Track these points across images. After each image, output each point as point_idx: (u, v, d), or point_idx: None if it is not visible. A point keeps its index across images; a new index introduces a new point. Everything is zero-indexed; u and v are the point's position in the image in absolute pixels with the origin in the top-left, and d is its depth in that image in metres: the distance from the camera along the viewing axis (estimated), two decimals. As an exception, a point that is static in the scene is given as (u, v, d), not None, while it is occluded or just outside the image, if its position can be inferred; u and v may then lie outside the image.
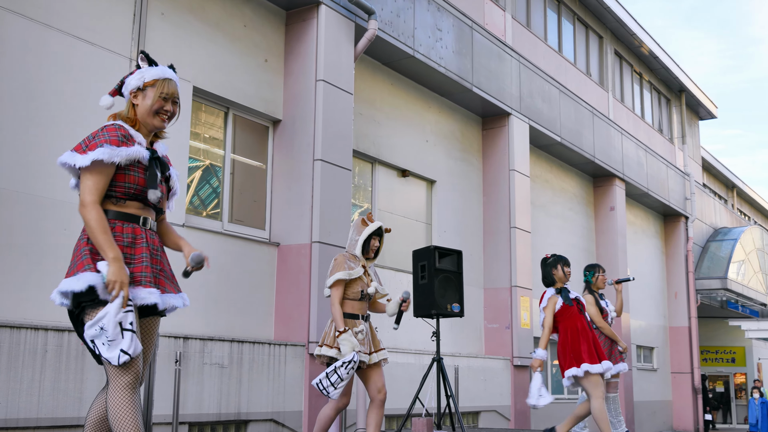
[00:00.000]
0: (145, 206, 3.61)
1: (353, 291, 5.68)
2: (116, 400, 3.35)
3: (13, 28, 7.06)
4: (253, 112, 9.65)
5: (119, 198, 3.53)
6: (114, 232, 3.48)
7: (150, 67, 3.69)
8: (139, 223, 3.55)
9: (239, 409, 8.37)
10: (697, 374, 21.74)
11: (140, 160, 3.56)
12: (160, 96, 3.62)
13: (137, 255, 3.49)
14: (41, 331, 6.62)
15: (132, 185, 3.53)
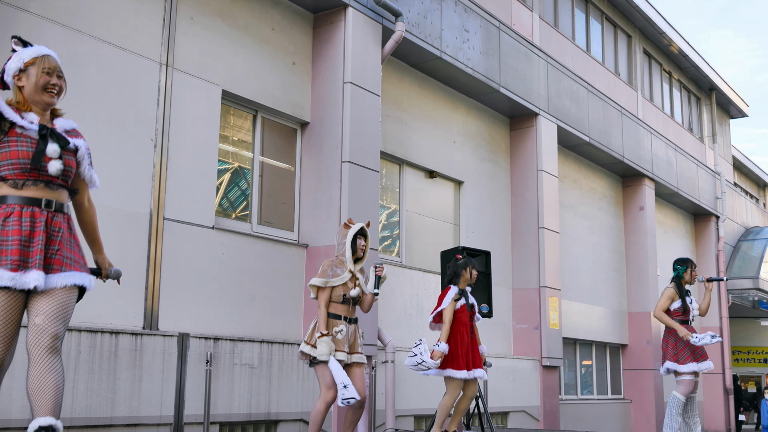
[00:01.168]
0: (49, 186, 3.59)
1: (336, 294, 5.98)
2: None
3: (48, 35, 7.16)
4: (282, 115, 9.70)
5: (16, 179, 3.53)
6: (13, 216, 3.49)
7: (26, 48, 3.71)
8: (41, 206, 3.55)
9: (269, 409, 8.42)
10: (729, 375, 21.51)
11: (27, 135, 3.55)
12: (43, 71, 3.64)
13: (35, 239, 3.49)
14: (74, 332, 6.71)
15: (23, 161, 3.51)
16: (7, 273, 3.41)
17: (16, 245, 3.45)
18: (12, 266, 3.42)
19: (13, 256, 3.43)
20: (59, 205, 3.62)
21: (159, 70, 8.09)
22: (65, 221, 3.66)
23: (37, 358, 3.48)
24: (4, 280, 3.40)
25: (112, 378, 6.92)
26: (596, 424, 15.52)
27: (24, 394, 6.27)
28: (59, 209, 3.62)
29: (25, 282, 3.43)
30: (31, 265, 3.46)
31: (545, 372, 13.22)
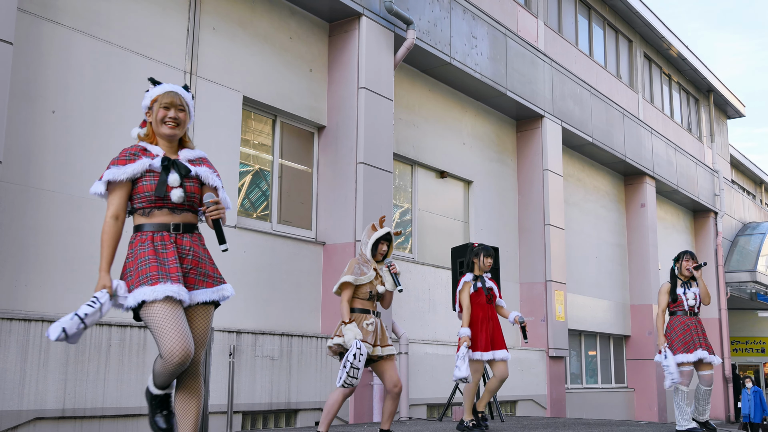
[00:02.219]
0: (174, 212, 3.71)
1: (363, 292, 5.87)
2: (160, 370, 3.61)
3: (79, 46, 7.21)
4: (300, 119, 9.73)
5: (144, 209, 3.68)
6: (146, 241, 3.64)
7: (155, 87, 3.88)
8: (169, 230, 3.68)
9: (289, 399, 8.45)
10: (728, 364, 21.41)
11: (153, 170, 3.69)
12: (161, 106, 3.78)
13: (169, 258, 3.61)
14: (105, 327, 6.76)
15: (149, 193, 3.66)
16: (161, 287, 3.52)
17: (153, 263, 3.58)
18: (152, 281, 3.53)
19: (151, 272, 3.55)
20: (186, 226, 3.75)
21: (183, 78, 8.12)
22: (195, 241, 3.77)
23: (184, 383, 3.68)
24: (174, 293, 3.52)
25: (141, 370, 6.97)
26: (601, 411, 15.49)
27: (57, 385, 6.33)
28: (186, 230, 3.74)
29: (194, 297, 3.64)
30: (173, 279, 3.56)
31: (552, 362, 13.21)
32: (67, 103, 7.09)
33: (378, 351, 5.79)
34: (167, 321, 3.47)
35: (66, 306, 6.75)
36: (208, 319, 3.77)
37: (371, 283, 5.91)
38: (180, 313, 3.53)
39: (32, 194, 6.74)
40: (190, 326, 3.66)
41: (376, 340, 5.81)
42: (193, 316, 3.70)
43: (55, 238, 6.84)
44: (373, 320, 5.81)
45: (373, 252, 6.05)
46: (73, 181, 7.02)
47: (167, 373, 3.52)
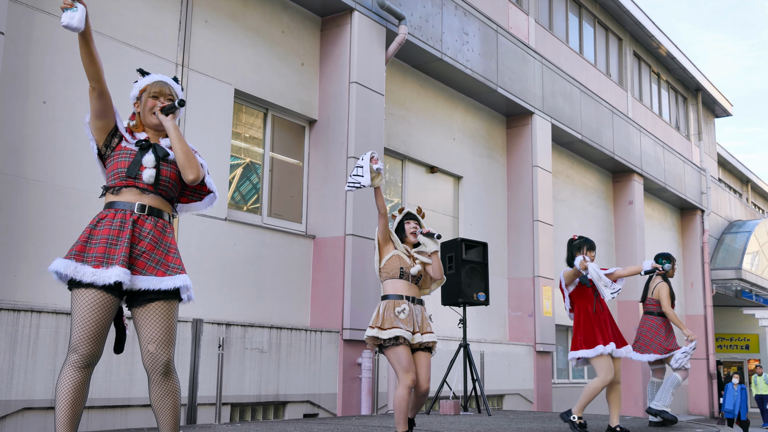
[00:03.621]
0: (143, 193, 3.59)
1: (392, 267, 5.25)
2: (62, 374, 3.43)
3: (72, 38, 7.17)
4: (291, 113, 9.71)
5: (115, 186, 3.60)
6: (107, 218, 3.55)
7: (143, 77, 3.84)
8: (134, 210, 3.55)
9: (277, 392, 8.45)
10: (713, 360, 21.53)
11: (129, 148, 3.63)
12: (150, 96, 3.74)
13: (122, 237, 3.49)
14: (95, 317, 6.72)
15: (120, 169, 3.59)
16: (89, 269, 3.41)
17: (103, 243, 3.47)
18: (95, 263, 3.42)
19: (97, 253, 3.44)
20: (153, 210, 3.59)
21: (175, 70, 8.09)
22: (159, 227, 3.59)
23: (156, 382, 3.55)
24: (87, 276, 3.39)
25: (129, 361, 6.94)
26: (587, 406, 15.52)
27: (46, 375, 6.30)
28: (152, 214, 3.59)
29: (106, 277, 3.38)
30: (115, 261, 3.42)
31: (539, 357, 13.24)
32: (58, 93, 7.05)
33: (417, 338, 5.16)
34: (85, 311, 3.40)
35: (55, 296, 6.72)
36: (170, 314, 3.56)
37: (401, 258, 5.27)
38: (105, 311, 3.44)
39: (22, 184, 6.70)
40: (150, 323, 3.52)
41: (414, 326, 5.18)
42: (152, 312, 3.52)
43: (44, 229, 6.80)
44: (405, 306, 5.15)
45: (403, 234, 5.43)
46: (63, 171, 6.99)
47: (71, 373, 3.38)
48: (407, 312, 5.15)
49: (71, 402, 3.40)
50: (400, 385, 5.05)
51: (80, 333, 3.41)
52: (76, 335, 3.41)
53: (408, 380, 5.02)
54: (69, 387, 3.39)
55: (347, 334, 9.15)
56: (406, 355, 5.06)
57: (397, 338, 5.06)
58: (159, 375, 3.54)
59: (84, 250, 3.48)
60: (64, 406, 3.39)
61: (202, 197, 3.88)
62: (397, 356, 5.07)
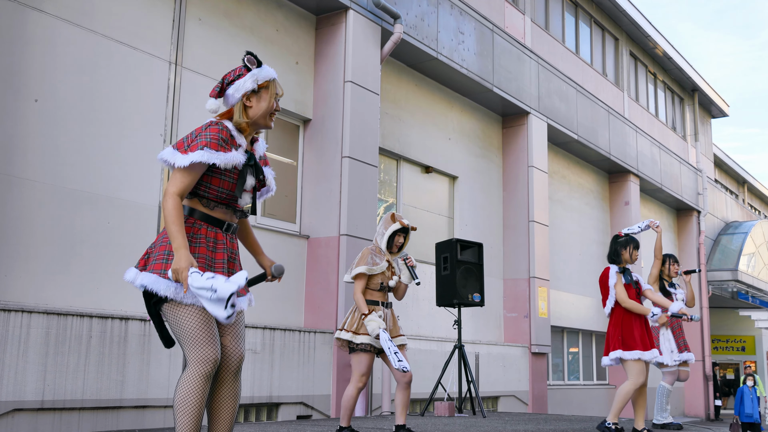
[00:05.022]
0: (229, 211, 3.46)
1: (374, 282, 5.72)
2: (186, 386, 3.23)
3: (63, 35, 7.14)
4: (285, 112, 9.69)
5: (210, 200, 3.40)
6: (199, 234, 3.36)
7: (261, 68, 3.52)
8: (222, 228, 3.43)
9: (271, 393, 8.43)
10: (708, 362, 21.55)
11: (236, 166, 3.39)
12: (273, 97, 3.49)
13: (218, 260, 3.38)
14: (86, 318, 6.70)
15: (224, 191, 3.38)
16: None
17: (203, 263, 3.32)
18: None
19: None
20: (234, 228, 3.53)
21: (169, 69, 8.07)
22: (236, 242, 3.59)
23: (224, 380, 3.40)
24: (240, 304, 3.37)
25: (121, 362, 6.92)
26: (582, 408, 15.56)
27: (36, 376, 6.27)
28: (234, 231, 3.53)
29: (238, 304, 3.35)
30: None
31: (534, 358, 13.24)
32: (50, 92, 7.02)
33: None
34: (200, 326, 3.24)
35: (46, 296, 6.70)
36: (242, 314, 3.55)
37: (383, 274, 5.76)
38: (212, 318, 3.30)
39: (14, 183, 6.67)
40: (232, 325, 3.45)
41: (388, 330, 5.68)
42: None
43: (36, 228, 6.77)
44: (382, 312, 5.67)
45: (390, 244, 5.88)
46: (55, 170, 6.95)
47: (199, 383, 3.22)
48: (383, 316, 5.67)
49: (200, 416, 3.27)
50: (352, 385, 5.63)
51: (203, 336, 3.24)
52: (197, 341, 3.23)
53: (362, 383, 5.64)
54: (200, 401, 3.22)
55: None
56: (368, 361, 5.64)
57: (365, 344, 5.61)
58: (230, 374, 3.42)
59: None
60: (193, 422, 3.22)
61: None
62: (360, 360, 5.64)
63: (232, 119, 3.48)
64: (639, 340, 6.59)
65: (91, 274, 7.09)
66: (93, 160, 7.25)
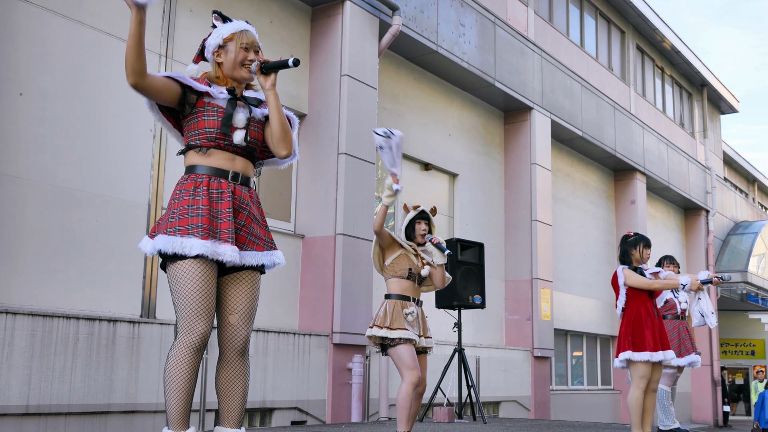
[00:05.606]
0: (235, 156, 3.44)
1: (400, 267, 5.40)
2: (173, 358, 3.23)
3: (50, 26, 7.13)
4: (279, 107, 9.67)
5: (203, 146, 3.40)
6: (201, 186, 3.35)
7: (225, 23, 3.62)
8: (228, 178, 3.39)
9: (264, 397, 8.43)
10: (717, 366, 21.58)
11: (217, 104, 3.42)
12: (240, 47, 3.54)
13: (223, 210, 3.34)
14: (73, 320, 6.70)
15: (212, 129, 3.39)
16: (198, 241, 3.23)
17: (205, 214, 3.29)
18: (203, 234, 3.25)
19: (202, 224, 3.27)
20: (245, 178, 3.47)
21: (159, 62, 8.06)
22: (252, 196, 3.49)
23: (229, 360, 3.40)
24: (197, 248, 3.22)
25: (110, 365, 6.91)
26: (586, 414, 15.57)
27: (21, 380, 6.26)
28: (245, 182, 3.46)
29: (219, 253, 3.26)
30: (222, 237, 3.29)
31: (536, 362, 13.25)
32: (35, 85, 7.01)
33: (423, 342, 5.36)
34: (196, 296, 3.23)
35: (31, 297, 6.69)
36: (255, 287, 3.49)
37: (409, 258, 5.43)
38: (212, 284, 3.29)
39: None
40: (235, 293, 3.41)
41: (419, 330, 5.36)
42: (238, 282, 3.43)
43: (20, 226, 6.76)
44: (413, 309, 5.32)
45: (412, 233, 5.59)
46: (40, 166, 6.94)
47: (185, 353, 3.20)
48: (415, 315, 5.33)
49: (189, 389, 3.25)
50: (405, 383, 5.20)
51: (195, 308, 3.24)
52: (189, 312, 3.24)
53: (414, 377, 5.18)
54: (187, 372, 3.22)
55: (337, 338, 9.13)
56: (411, 352, 5.23)
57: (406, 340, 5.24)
58: (235, 353, 3.41)
59: (188, 223, 3.29)
60: (181, 394, 3.22)
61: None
62: (401, 354, 5.24)
63: None
64: (649, 341, 6.58)
65: (78, 274, 7.08)
66: (80, 156, 7.24)
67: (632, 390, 6.61)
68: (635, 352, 6.57)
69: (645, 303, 6.71)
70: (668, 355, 6.64)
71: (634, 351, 6.57)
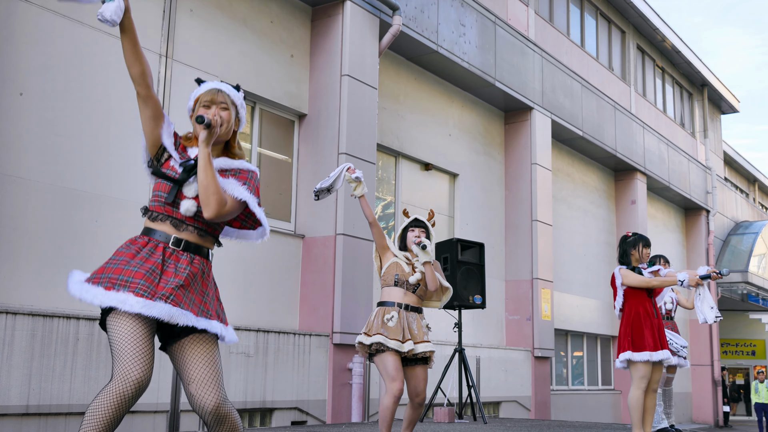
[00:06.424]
0: (180, 224, 3.25)
1: (389, 274, 5.29)
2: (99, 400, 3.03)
3: (49, 26, 7.14)
4: (279, 107, 9.69)
5: (155, 211, 3.26)
6: (136, 244, 3.22)
7: (199, 87, 3.51)
8: (169, 242, 3.21)
9: (264, 398, 8.43)
10: (717, 367, 21.59)
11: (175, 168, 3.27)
12: (201, 105, 3.40)
13: (167, 273, 3.17)
14: (73, 320, 6.71)
15: (162, 194, 3.24)
16: (132, 298, 3.07)
17: (143, 271, 3.13)
18: (139, 290, 3.08)
19: (137, 280, 3.10)
20: (190, 246, 3.25)
21: (159, 62, 8.06)
22: (196, 264, 3.25)
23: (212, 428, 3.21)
24: (135, 307, 3.05)
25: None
26: (587, 414, 15.58)
27: (21, 380, 6.27)
28: (188, 250, 3.24)
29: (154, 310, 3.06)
30: (159, 296, 3.09)
31: (537, 363, 13.26)
32: (36, 85, 7.02)
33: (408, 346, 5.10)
34: (129, 340, 3.05)
35: (32, 297, 6.70)
36: (208, 350, 3.23)
37: (399, 266, 5.28)
38: (148, 336, 3.10)
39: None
40: (189, 359, 3.19)
41: (404, 334, 5.12)
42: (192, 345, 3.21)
43: (21, 226, 6.77)
44: (394, 314, 5.14)
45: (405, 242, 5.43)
46: (41, 167, 6.95)
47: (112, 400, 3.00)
48: (395, 320, 5.14)
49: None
50: (387, 394, 5.07)
51: (131, 353, 3.04)
52: (125, 357, 3.03)
53: (394, 388, 5.02)
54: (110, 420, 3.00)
55: (337, 338, 9.14)
56: (393, 362, 5.07)
57: (380, 345, 5.07)
58: (213, 423, 3.18)
59: (120, 273, 3.15)
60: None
61: (255, 226, 3.54)
62: (383, 363, 5.09)
63: None
64: (649, 340, 6.58)
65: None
66: (80, 156, 7.25)
67: (632, 390, 6.62)
68: (635, 353, 6.57)
69: (644, 303, 6.71)
70: (667, 355, 6.63)
71: (634, 351, 6.58)
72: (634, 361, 6.60)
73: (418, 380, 5.21)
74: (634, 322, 6.66)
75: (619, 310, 6.82)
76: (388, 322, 5.12)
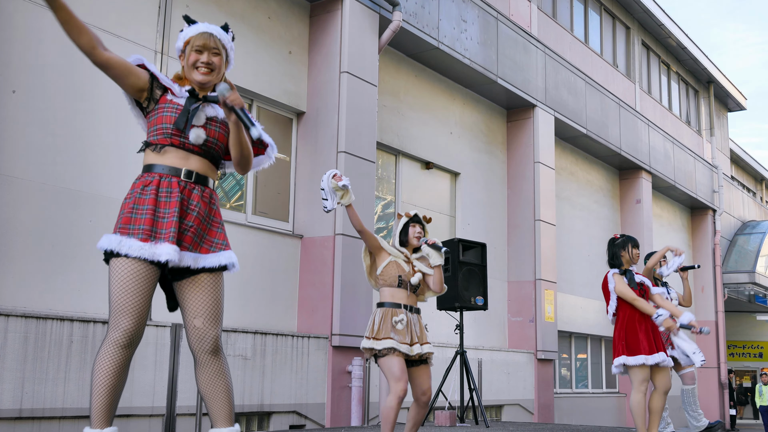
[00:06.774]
0: (189, 155, 3.45)
1: (390, 275, 5.31)
2: (99, 353, 3.29)
3: (44, 22, 7.14)
4: (277, 104, 9.68)
5: (159, 144, 3.44)
6: (150, 185, 3.39)
7: (190, 27, 3.64)
8: (180, 176, 3.41)
9: (262, 401, 8.43)
10: (724, 369, 21.58)
11: (176, 101, 3.47)
12: (193, 49, 3.56)
13: (170, 209, 3.37)
14: (67, 321, 6.70)
15: (168, 125, 3.42)
16: (136, 242, 3.29)
17: (149, 214, 3.34)
18: (143, 236, 3.30)
19: (144, 225, 3.32)
20: (201, 177, 3.48)
21: (154, 58, 8.06)
22: (206, 197, 3.49)
23: (204, 362, 3.46)
24: (134, 250, 3.28)
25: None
26: (591, 417, 15.57)
27: (14, 383, 6.26)
28: (200, 182, 3.47)
29: (158, 254, 3.29)
30: (164, 237, 3.32)
31: (540, 365, 13.25)
32: (29, 82, 7.01)
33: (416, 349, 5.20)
34: (124, 293, 3.28)
35: (24, 299, 6.69)
36: (216, 288, 3.50)
37: (399, 265, 5.32)
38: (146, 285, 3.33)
39: (-10, 179, 6.66)
40: (195, 296, 3.45)
41: (411, 337, 5.22)
42: (196, 285, 3.45)
43: (13, 227, 6.76)
44: (403, 317, 5.21)
45: (406, 238, 5.47)
46: (35, 166, 6.94)
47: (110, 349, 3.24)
48: (405, 322, 5.23)
49: (112, 386, 3.29)
50: (391, 395, 5.13)
51: (122, 305, 3.28)
52: (115, 308, 3.28)
53: (399, 389, 5.10)
54: (110, 369, 3.27)
55: (336, 340, 9.13)
56: (399, 363, 5.15)
57: (389, 348, 5.15)
58: (207, 354, 3.46)
59: (129, 222, 3.36)
60: (103, 391, 3.28)
61: (262, 150, 3.73)
62: (389, 364, 5.16)
63: None
64: (644, 344, 6.58)
65: (72, 275, 7.08)
66: (74, 155, 7.24)
67: (634, 394, 6.61)
68: (630, 357, 6.57)
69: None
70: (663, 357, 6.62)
71: (628, 355, 6.58)
72: (630, 365, 6.59)
73: (424, 379, 5.31)
74: (629, 325, 6.67)
75: (612, 314, 6.81)
76: (397, 324, 5.20)
